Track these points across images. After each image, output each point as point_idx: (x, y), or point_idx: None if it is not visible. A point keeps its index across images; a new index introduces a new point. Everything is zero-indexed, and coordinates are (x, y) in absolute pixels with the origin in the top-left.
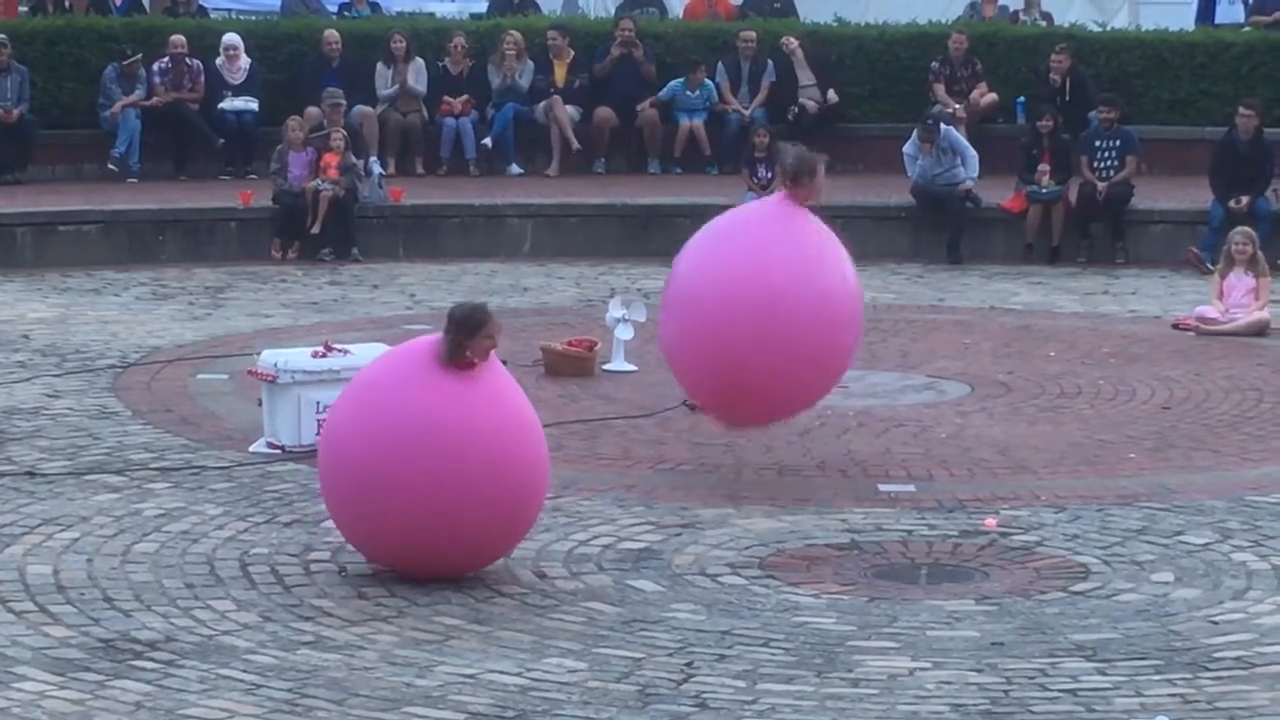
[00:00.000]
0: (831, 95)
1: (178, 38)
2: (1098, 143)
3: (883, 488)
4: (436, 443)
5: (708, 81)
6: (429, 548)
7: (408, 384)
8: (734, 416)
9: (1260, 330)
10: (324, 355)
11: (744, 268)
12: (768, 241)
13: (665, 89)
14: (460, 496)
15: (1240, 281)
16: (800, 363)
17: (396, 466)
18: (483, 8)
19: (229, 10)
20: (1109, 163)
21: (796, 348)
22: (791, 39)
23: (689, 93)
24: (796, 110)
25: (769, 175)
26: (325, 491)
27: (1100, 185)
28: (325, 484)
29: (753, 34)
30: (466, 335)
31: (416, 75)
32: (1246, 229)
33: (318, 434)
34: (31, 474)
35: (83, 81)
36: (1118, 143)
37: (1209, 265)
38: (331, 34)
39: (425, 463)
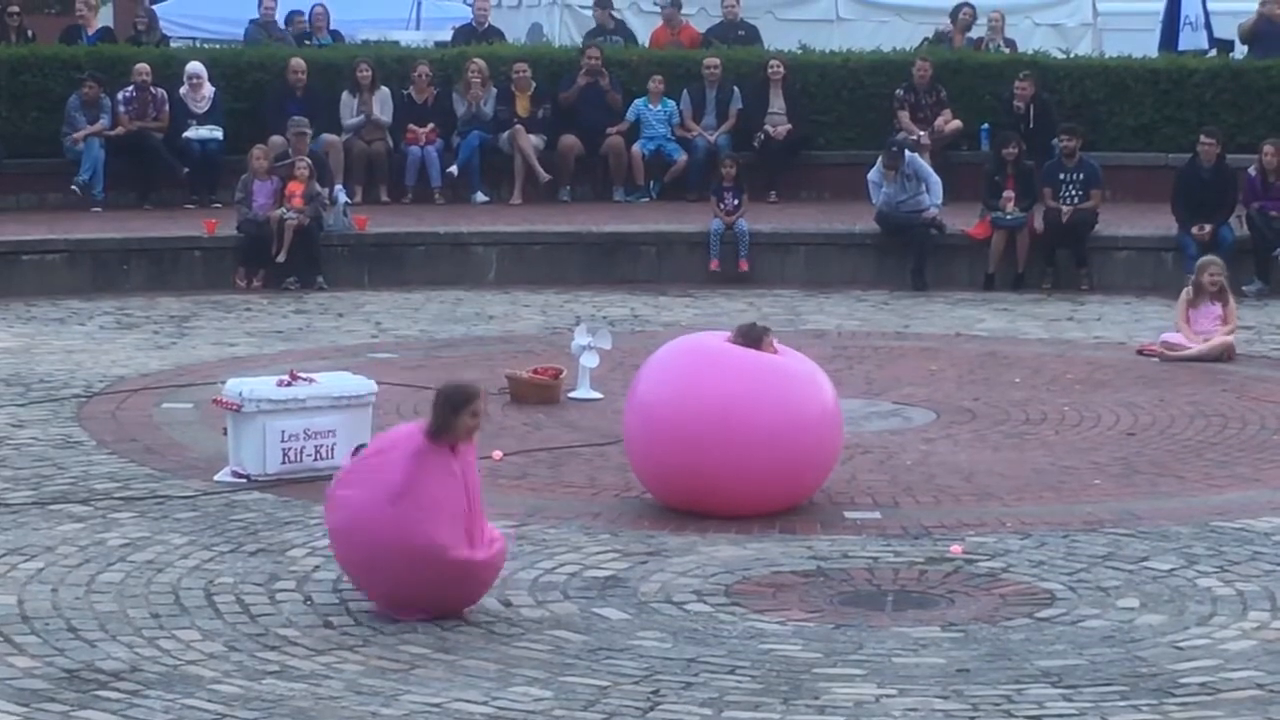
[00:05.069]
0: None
1: (142, 66)
2: (1061, 175)
3: (849, 514)
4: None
5: (667, 100)
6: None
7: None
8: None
9: (1225, 354)
10: (289, 384)
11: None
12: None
13: (630, 109)
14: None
15: (1208, 310)
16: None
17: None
18: (447, 36)
19: (193, 39)
20: (1073, 193)
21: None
22: (778, 63)
23: (651, 107)
24: (763, 137)
25: (735, 203)
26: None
27: (1065, 209)
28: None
29: (717, 61)
30: (453, 410)
31: (382, 104)
32: (1217, 259)
33: (283, 463)
34: None
35: (47, 111)
36: (1081, 176)
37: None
38: (297, 63)
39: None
